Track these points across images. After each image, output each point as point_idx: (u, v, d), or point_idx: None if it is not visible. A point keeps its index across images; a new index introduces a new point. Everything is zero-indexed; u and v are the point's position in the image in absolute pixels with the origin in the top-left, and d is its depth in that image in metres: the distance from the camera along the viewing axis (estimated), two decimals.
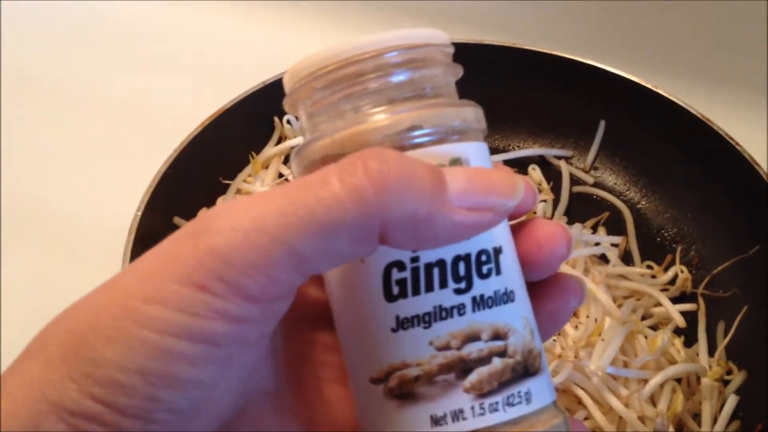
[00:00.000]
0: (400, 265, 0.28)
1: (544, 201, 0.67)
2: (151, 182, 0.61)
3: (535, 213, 0.65)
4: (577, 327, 0.57)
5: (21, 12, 0.98)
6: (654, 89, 0.65)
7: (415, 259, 0.28)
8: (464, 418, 0.27)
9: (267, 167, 0.70)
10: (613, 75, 0.67)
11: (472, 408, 0.27)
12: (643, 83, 0.66)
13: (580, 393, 0.54)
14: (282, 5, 0.96)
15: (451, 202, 0.26)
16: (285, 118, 0.71)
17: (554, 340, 0.56)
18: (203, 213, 0.26)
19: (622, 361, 0.56)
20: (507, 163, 0.69)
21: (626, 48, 0.85)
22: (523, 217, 0.33)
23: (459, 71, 0.32)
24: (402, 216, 0.25)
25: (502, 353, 0.28)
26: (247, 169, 0.70)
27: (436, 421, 0.27)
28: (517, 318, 0.29)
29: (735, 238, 0.61)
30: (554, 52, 0.69)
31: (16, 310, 0.65)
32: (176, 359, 0.24)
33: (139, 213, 0.58)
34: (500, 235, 0.29)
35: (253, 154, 0.70)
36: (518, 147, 0.73)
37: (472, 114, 0.30)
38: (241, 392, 0.29)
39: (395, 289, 0.28)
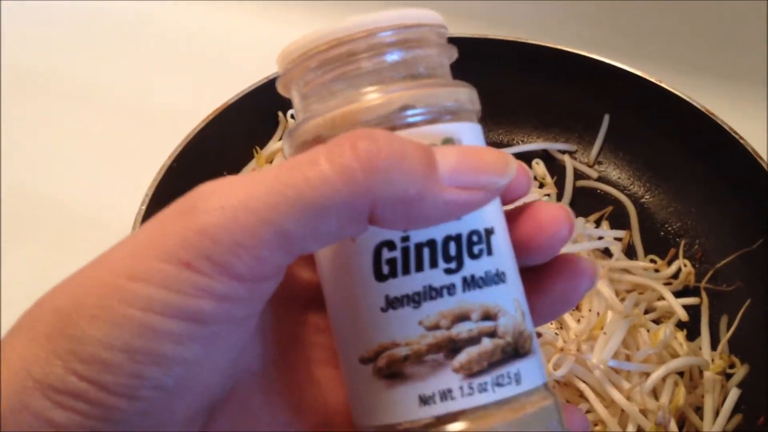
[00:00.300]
0: (390, 245, 0.28)
1: (548, 195, 0.67)
2: (156, 176, 0.61)
3: None
4: (579, 321, 0.57)
5: (23, 11, 0.99)
6: (658, 83, 0.65)
7: (405, 239, 0.28)
8: (453, 398, 0.27)
9: (271, 162, 0.70)
10: (617, 69, 0.67)
11: (461, 388, 0.27)
12: (647, 77, 0.66)
13: (582, 386, 0.54)
14: (286, 3, 0.96)
15: (441, 182, 0.26)
16: (289, 112, 0.71)
17: (556, 334, 0.56)
18: (192, 192, 0.26)
19: (625, 355, 0.56)
20: None
21: (630, 43, 0.85)
22: (520, 201, 0.33)
23: (453, 53, 0.31)
24: (391, 196, 0.25)
25: (492, 334, 0.28)
26: (252, 164, 0.70)
27: (424, 400, 0.27)
28: (508, 299, 0.29)
29: (739, 233, 0.61)
30: (558, 47, 0.69)
31: (17, 310, 0.64)
32: (161, 337, 0.24)
33: (144, 207, 0.58)
34: (492, 217, 0.29)
35: (257, 148, 0.70)
36: (522, 141, 0.73)
37: (465, 95, 0.30)
38: (230, 372, 0.28)
39: (385, 269, 0.28)
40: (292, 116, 0.71)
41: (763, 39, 0.82)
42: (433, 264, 0.28)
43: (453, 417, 0.27)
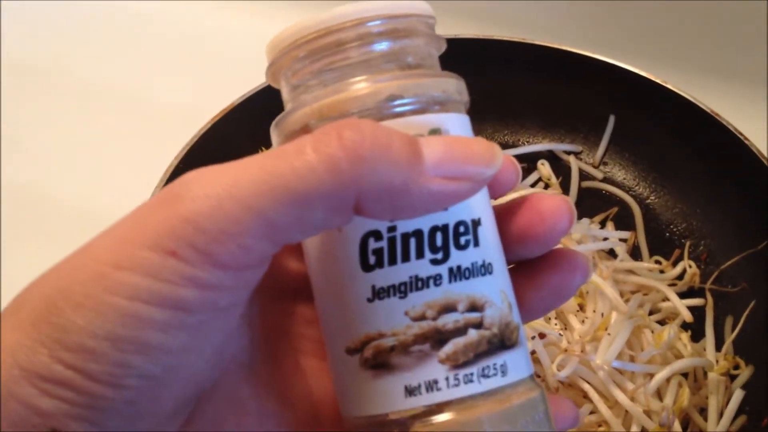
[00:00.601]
0: (377, 235, 0.27)
1: None
2: (163, 177, 0.61)
3: None
4: (583, 321, 0.57)
5: (23, 11, 0.99)
6: (663, 84, 0.64)
7: (392, 229, 0.27)
8: (438, 389, 0.27)
9: None
10: (622, 70, 0.66)
11: (447, 379, 0.27)
12: (652, 78, 0.65)
13: (586, 387, 0.54)
14: (292, 3, 0.96)
15: (427, 172, 0.26)
16: None
17: (560, 334, 0.55)
18: (177, 180, 0.26)
19: (629, 356, 0.55)
20: (516, 158, 0.68)
21: (635, 43, 0.84)
22: (514, 194, 0.33)
23: (442, 44, 0.31)
24: (377, 186, 0.25)
25: (478, 325, 0.28)
26: None
27: (410, 391, 0.27)
28: (494, 290, 0.29)
29: (743, 233, 0.60)
30: (563, 47, 0.68)
31: None
32: (146, 325, 0.24)
33: None
34: (479, 208, 0.29)
35: (263, 149, 0.70)
36: (527, 142, 0.73)
37: (453, 85, 0.30)
38: (216, 361, 0.28)
39: (372, 259, 0.28)
40: None
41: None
42: (420, 254, 0.28)
43: (439, 408, 0.27)
